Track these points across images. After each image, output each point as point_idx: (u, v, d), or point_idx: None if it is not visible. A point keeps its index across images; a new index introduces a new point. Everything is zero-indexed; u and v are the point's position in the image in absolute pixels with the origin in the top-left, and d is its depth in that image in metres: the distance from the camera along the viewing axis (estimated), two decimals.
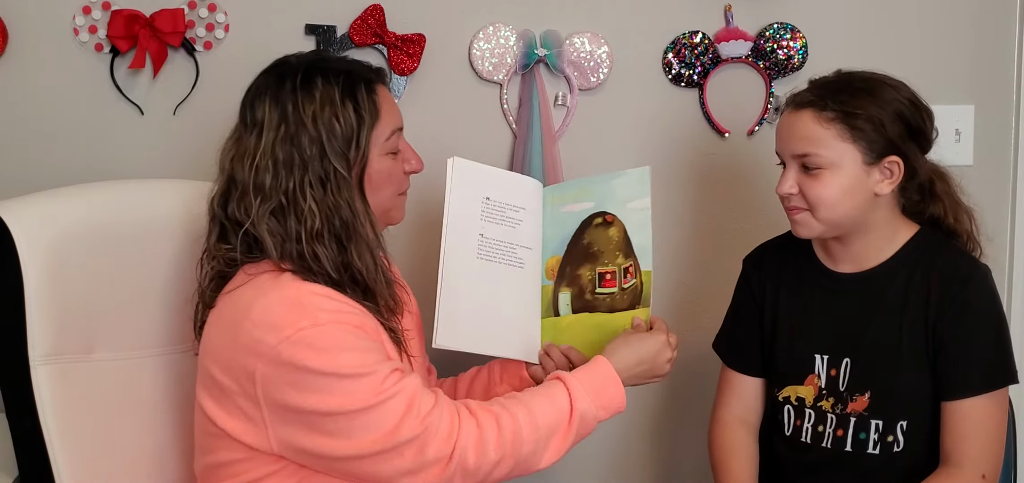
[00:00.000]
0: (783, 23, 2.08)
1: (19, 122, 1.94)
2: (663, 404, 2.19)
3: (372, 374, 1.35)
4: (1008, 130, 2.19)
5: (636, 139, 2.09)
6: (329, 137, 1.42)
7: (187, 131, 1.97)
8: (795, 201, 1.59)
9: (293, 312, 1.35)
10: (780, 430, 1.69)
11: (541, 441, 1.42)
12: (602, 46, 2.05)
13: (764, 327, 1.72)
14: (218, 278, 1.46)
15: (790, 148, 1.59)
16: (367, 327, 1.40)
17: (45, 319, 1.46)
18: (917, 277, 1.58)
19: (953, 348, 1.54)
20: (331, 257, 1.41)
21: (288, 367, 1.33)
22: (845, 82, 1.59)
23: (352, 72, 1.47)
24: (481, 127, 2.05)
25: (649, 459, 2.22)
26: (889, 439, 1.59)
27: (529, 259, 1.69)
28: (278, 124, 1.42)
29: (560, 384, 1.47)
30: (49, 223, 1.50)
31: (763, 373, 1.75)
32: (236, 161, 1.43)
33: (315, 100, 1.42)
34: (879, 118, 1.54)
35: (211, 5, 1.95)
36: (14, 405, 1.47)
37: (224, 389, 1.39)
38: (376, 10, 1.97)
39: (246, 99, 1.47)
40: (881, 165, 1.55)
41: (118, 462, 1.55)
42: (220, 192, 1.45)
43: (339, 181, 1.42)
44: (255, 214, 1.40)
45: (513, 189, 1.70)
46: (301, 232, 1.40)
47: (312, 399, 1.34)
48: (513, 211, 1.68)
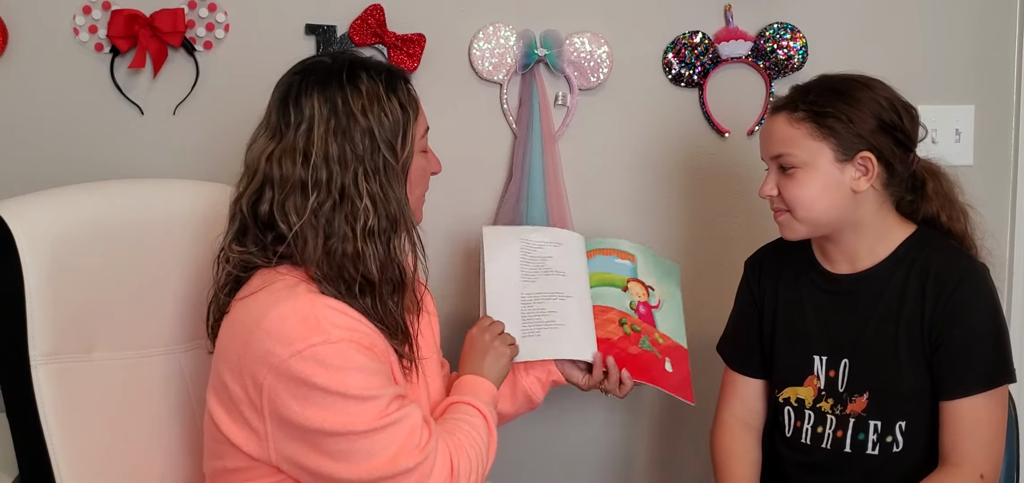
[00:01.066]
0: (783, 23, 2.08)
1: (19, 122, 1.94)
2: (663, 405, 2.19)
3: (377, 398, 1.34)
4: (1008, 130, 2.19)
5: (636, 139, 2.09)
6: (379, 130, 1.41)
7: (187, 131, 1.97)
8: (776, 203, 1.62)
9: (306, 326, 1.33)
10: (781, 431, 1.70)
11: (484, 454, 1.48)
12: (602, 46, 2.05)
13: (764, 329, 1.73)
14: (233, 282, 1.44)
15: (768, 151, 1.62)
16: (377, 348, 1.39)
17: (45, 319, 1.46)
18: (913, 276, 1.58)
19: (950, 347, 1.54)
20: (378, 256, 1.40)
21: (295, 381, 1.32)
22: (819, 84, 1.61)
23: (392, 69, 1.47)
24: (481, 127, 2.05)
25: (650, 460, 2.22)
26: (888, 439, 1.59)
27: (574, 280, 1.76)
28: (328, 118, 1.39)
29: (467, 405, 1.53)
30: (49, 223, 1.49)
31: (765, 375, 1.75)
32: (280, 159, 1.39)
33: (363, 94, 1.41)
34: (848, 115, 1.55)
35: (211, 5, 1.95)
36: (14, 404, 1.47)
37: (233, 396, 1.38)
38: (376, 10, 1.97)
39: (284, 96, 1.42)
40: (854, 162, 1.56)
41: (118, 462, 1.55)
42: (251, 192, 1.41)
43: (390, 174, 1.41)
44: (308, 213, 1.37)
45: (549, 233, 1.81)
46: (352, 230, 1.38)
47: (315, 417, 1.33)
48: (553, 246, 1.78)
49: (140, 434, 1.58)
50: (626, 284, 1.79)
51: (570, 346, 1.71)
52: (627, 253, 1.82)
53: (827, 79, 1.62)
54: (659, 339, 1.76)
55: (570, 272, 1.76)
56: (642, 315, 1.77)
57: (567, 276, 1.75)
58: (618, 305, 1.76)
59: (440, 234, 2.07)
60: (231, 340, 1.40)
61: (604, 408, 2.18)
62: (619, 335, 1.73)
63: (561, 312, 1.72)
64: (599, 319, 1.74)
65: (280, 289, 1.38)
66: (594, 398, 2.18)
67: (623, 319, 1.75)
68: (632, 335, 1.74)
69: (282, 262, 1.41)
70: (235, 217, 1.44)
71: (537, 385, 1.70)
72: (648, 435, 2.21)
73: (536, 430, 2.15)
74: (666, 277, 1.84)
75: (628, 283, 1.79)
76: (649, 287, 1.81)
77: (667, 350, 1.76)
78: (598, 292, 1.77)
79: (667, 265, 1.86)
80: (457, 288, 2.07)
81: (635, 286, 1.79)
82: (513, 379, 1.69)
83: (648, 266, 1.83)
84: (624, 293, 1.78)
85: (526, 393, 1.70)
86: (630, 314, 1.76)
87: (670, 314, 1.81)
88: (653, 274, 1.83)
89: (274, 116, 1.43)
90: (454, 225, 2.07)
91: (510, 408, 1.71)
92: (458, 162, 2.02)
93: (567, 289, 1.74)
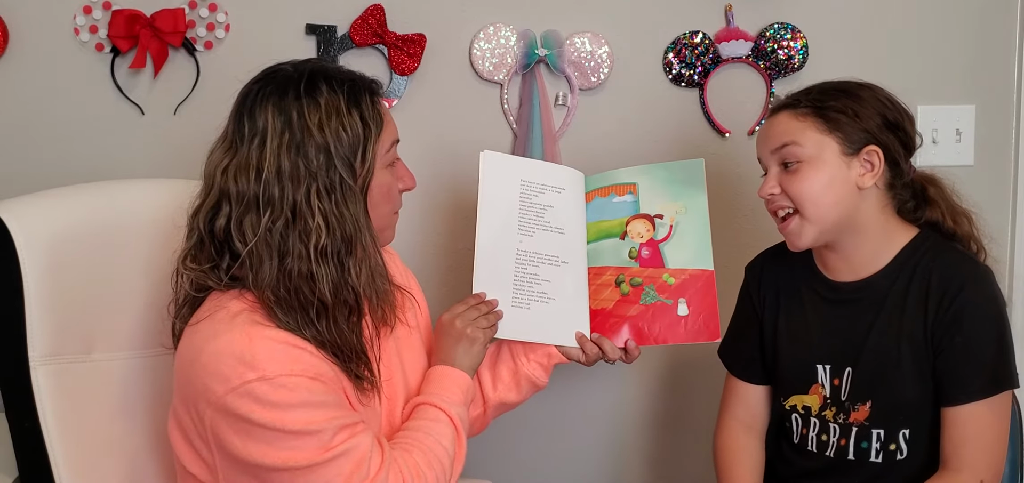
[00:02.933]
0: (783, 23, 2.08)
1: (19, 122, 1.95)
2: (663, 405, 2.19)
3: (319, 432, 1.30)
4: (1009, 130, 2.19)
5: (637, 139, 2.09)
6: (336, 146, 1.35)
7: (188, 131, 1.97)
8: (779, 201, 1.58)
9: (242, 363, 1.29)
10: (788, 437, 1.69)
11: (449, 466, 1.45)
12: (603, 46, 2.05)
13: (765, 335, 1.71)
14: (190, 303, 1.40)
15: (769, 145, 1.59)
16: (324, 376, 1.34)
17: (45, 319, 1.46)
18: (915, 282, 1.56)
19: (951, 353, 1.53)
20: (331, 277, 1.35)
21: (234, 417, 1.29)
22: (819, 86, 1.61)
23: (355, 80, 1.42)
24: (482, 127, 2.05)
25: (649, 460, 2.22)
26: (891, 447, 1.58)
27: (572, 240, 1.68)
28: (282, 132, 1.34)
29: (434, 409, 1.48)
30: (49, 223, 1.49)
31: (767, 381, 1.74)
32: (235, 173, 1.35)
33: (321, 107, 1.35)
34: (854, 109, 1.55)
35: (212, 5, 1.95)
36: (14, 405, 1.47)
37: (183, 423, 1.38)
38: (377, 10, 1.97)
39: (241, 107, 1.39)
40: (861, 156, 1.55)
41: (117, 462, 1.55)
42: (209, 207, 1.37)
43: (346, 192, 1.36)
44: (262, 230, 1.33)
45: (550, 172, 1.71)
46: (305, 249, 1.33)
47: (256, 452, 1.30)
48: (554, 192, 1.68)
49: (139, 434, 1.58)
50: (624, 229, 1.69)
51: (558, 331, 1.65)
52: (627, 185, 1.71)
53: (827, 82, 1.61)
54: (668, 280, 1.66)
55: (569, 228, 1.68)
56: (645, 260, 1.67)
57: (565, 234, 1.68)
58: (615, 260, 1.67)
59: (439, 234, 2.07)
60: (179, 368, 1.37)
61: (602, 407, 2.18)
62: (616, 300, 1.66)
63: (554, 283, 1.65)
64: (593, 284, 1.68)
65: (220, 320, 1.33)
66: (594, 390, 2.18)
67: (620, 276, 1.67)
68: (632, 293, 1.66)
69: (233, 285, 1.37)
70: (192, 231, 1.39)
71: (539, 370, 1.66)
72: (648, 433, 2.21)
73: (535, 430, 2.15)
74: (683, 186, 1.69)
75: (628, 224, 1.69)
76: (655, 217, 1.69)
77: (680, 288, 1.65)
78: (594, 249, 1.69)
79: (684, 170, 1.71)
80: (458, 290, 2.07)
81: (636, 224, 1.69)
82: (515, 367, 1.65)
83: (655, 187, 1.70)
84: (622, 241, 1.68)
85: (530, 379, 1.66)
86: (629, 266, 1.67)
87: (687, 234, 1.67)
88: (663, 193, 1.69)
89: (231, 127, 1.39)
90: (454, 226, 2.07)
91: (516, 397, 1.67)
92: (457, 162, 2.02)
93: (564, 253, 1.67)
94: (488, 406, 1.66)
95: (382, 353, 1.47)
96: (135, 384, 1.58)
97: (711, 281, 1.66)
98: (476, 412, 1.66)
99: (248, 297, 1.36)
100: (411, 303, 1.60)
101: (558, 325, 1.66)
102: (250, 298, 1.36)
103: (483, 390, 1.66)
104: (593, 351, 1.65)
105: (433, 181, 2.02)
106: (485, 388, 1.66)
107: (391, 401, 1.50)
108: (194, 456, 1.39)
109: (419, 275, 1.72)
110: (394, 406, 1.50)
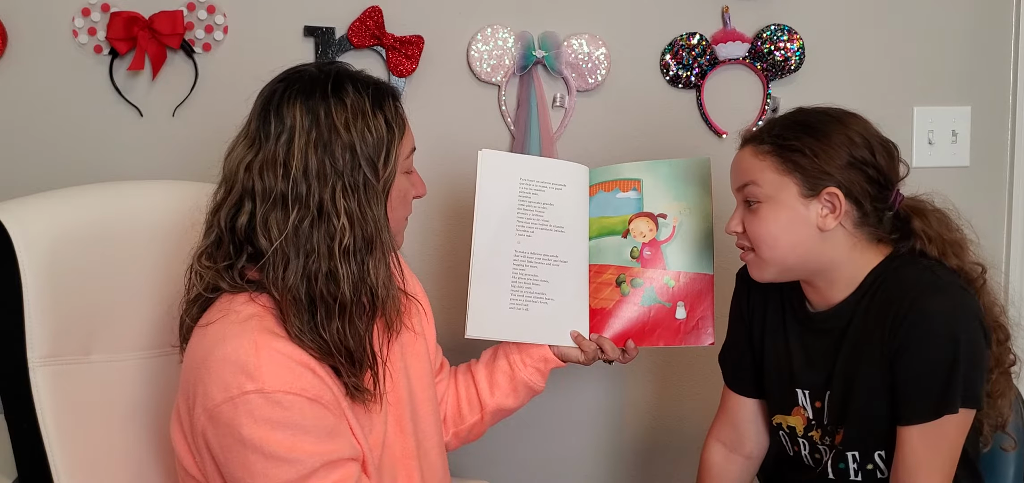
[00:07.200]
0: (780, 25, 2.08)
1: (18, 124, 1.95)
2: (662, 407, 2.19)
3: (297, 463, 1.30)
4: (1004, 131, 2.20)
5: (634, 141, 2.09)
6: (361, 146, 1.36)
7: (186, 133, 1.97)
8: (741, 240, 1.56)
9: (244, 372, 1.28)
10: (784, 452, 1.67)
11: None
12: (600, 47, 2.05)
13: (754, 345, 1.68)
14: (201, 304, 1.39)
15: (734, 181, 1.57)
16: (323, 399, 1.33)
17: (44, 321, 1.46)
18: (876, 305, 1.51)
19: (901, 371, 1.48)
20: (352, 276, 1.35)
21: (222, 428, 1.30)
22: (791, 118, 1.55)
23: (379, 84, 1.42)
24: (479, 128, 2.05)
25: (648, 461, 2.23)
26: (869, 467, 1.55)
27: (572, 238, 1.67)
28: (309, 129, 1.34)
29: None
30: (48, 225, 1.49)
31: (759, 394, 1.70)
32: (261, 170, 1.35)
33: (347, 107, 1.36)
34: (815, 148, 1.48)
35: (210, 7, 1.95)
36: (13, 407, 1.47)
37: (184, 424, 1.38)
38: (375, 12, 1.97)
39: (267, 104, 1.38)
40: (820, 198, 1.49)
41: (117, 464, 1.55)
42: (231, 204, 1.37)
43: (370, 192, 1.36)
44: (289, 228, 1.32)
45: (551, 169, 1.69)
46: (329, 248, 1.34)
47: (237, 470, 1.31)
48: (554, 189, 1.67)
49: (139, 436, 1.59)
50: (627, 226, 1.68)
51: (556, 331, 1.65)
52: (631, 181, 1.69)
53: (801, 112, 1.56)
54: (668, 282, 1.66)
55: (569, 226, 1.67)
56: (646, 260, 1.66)
57: (565, 232, 1.66)
58: (616, 259, 1.67)
59: (437, 236, 2.08)
60: (187, 368, 1.37)
61: (600, 407, 2.18)
62: (615, 300, 1.66)
63: (553, 283, 1.65)
64: (594, 282, 1.67)
65: (231, 324, 1.33)
66: (592, 391, 2.18)
67: (621, 276, 1.67)
68: (632, 293, 1.66)
69: (247, 288, 1.36)
70: (211, 229, 1.39)
71: (536, 375, 1.66)
72: (648, 434, 2.21)
73: (534, 429, 2.16)
74: (687, 186, 1.69)
75: (631, 222, 1.68)
76: (659, 216, 1.68)
77: (679, 292, 1.66)
78: (595, 246, 1.68)
79: (689, 168, 1.70)
80: (456, 292, 2.08)
81: (639, 223, 1.68)
82: (512, 373, 1.66)
83: (660, 185, 1.69)
84: (624, 240, 1.67)
85: (527, 385, 1.66)
86: (630, 266, 1.66)
87: (690, 236, 1.67)
88: (667, 192, 1.69)
89: (255, 124, 1.38)
90: (451, 228, 2.07)
91: (513, 402, 1.68)
92: (455, 164, 2.03)
93: (563, 252, 1.66)
94: (485, 412, 1.67)
95: (388, 358, 1.47)
96: (134, 385, 1.59)
97: (710, 285, 1.67)
98: (474, 419, 1.66)
99: (261, 300, 1.36)
100: (416, 309, 1.59)
101: (556, 325, 1.66)
102: (263, 301, 1.36)
103: (480, 397, 1.66)
104: (591, 350, 1.65)
105: (431, 183, 1.99)
106: (482, 394, 1.66)
107: (395, 407, 1.50)
108: (193, 458, 1.40)
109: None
110: (398, 412, 1.50)
